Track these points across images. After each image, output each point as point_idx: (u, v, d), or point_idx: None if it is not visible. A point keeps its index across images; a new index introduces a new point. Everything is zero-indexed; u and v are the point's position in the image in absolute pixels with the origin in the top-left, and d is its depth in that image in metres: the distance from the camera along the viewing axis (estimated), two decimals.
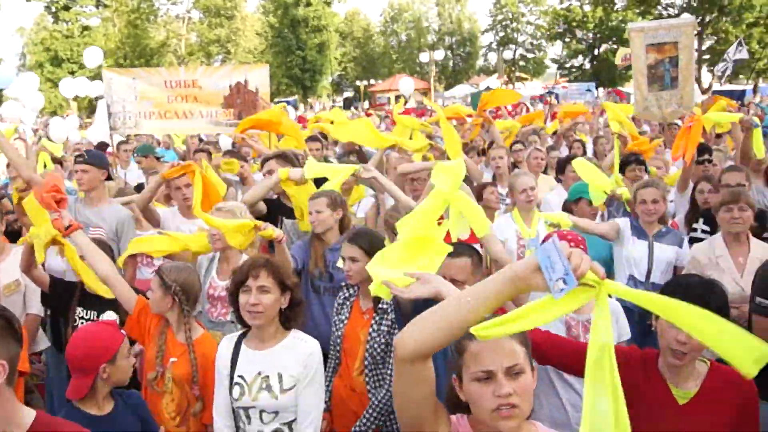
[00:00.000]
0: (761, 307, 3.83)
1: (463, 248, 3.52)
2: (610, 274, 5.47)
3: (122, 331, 3.42)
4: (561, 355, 2.98)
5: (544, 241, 1.87)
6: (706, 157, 7.22)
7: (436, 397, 2.15)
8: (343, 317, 4.17)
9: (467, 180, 5.21)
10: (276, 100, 47.99)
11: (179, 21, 59.00)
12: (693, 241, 5.53)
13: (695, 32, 11.13)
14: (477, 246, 3.95)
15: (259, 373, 3.35)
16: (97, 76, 20.82)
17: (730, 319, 2.86)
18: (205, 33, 58.51)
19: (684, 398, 2.79)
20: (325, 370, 3.66)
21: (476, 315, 1.87)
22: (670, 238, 5.32)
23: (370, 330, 3.96)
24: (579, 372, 2.90)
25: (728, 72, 23.84)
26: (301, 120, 19.09)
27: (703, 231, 5.79)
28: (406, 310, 2.77)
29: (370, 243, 4.01)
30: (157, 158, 9.48)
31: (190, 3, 58.93)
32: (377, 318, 3.96)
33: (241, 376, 3.37)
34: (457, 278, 3.38)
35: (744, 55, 23.27)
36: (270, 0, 58.71)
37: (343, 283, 4.31)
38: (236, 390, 3.36)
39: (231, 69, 10.26)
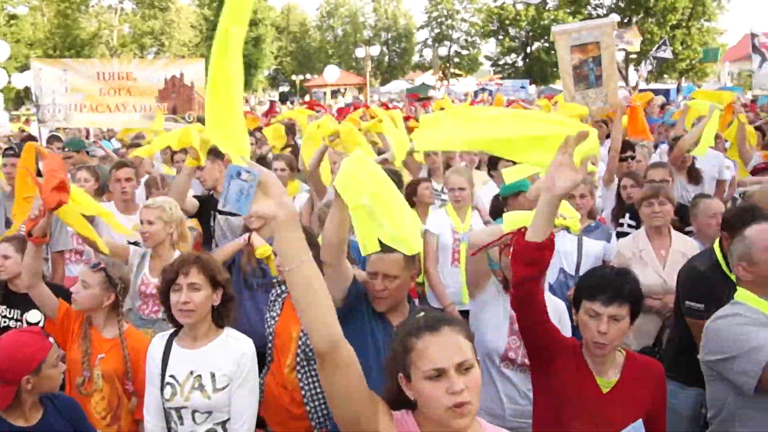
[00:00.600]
0: (692, 310, 4.00)
1: None
2: None
3: (50, 339, 3.28)
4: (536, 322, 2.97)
5: None
6: (629, 153, 7.44)
7: (371, 391, 2.15)
8: (275, 314, 4.15)
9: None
10: None
11: (111, 12, 57.27)
12: (620, 235, 5.68)
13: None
14: None
15: (192, 373, 3.30)
16: (25, 66, 20.14)
17: (651, 310, 3.01)
18: (139, 25, 56.97)
19: (607, 387, 2.90)
20: (260, 368, 3.65)
21: (311, 266, 1.97)
22: (599, 233, 5.47)
23: (302, 326, 3.95)
24: (532, 348, 3.00)
25: (649, 68, 24.64)
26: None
27: (629, 225, 5.98)
28: None
29: None
30: (88, 152, 9.26)
31: None
32: None
33: (172, 376, 3.31)
34: (390, 273, 3.38)
35: (668, 54, 24.07)
36: None
37: (275, 279, 4.30)
38: (168, 390, 3.30)
39: (166, 62, 10.13)
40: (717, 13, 48.99)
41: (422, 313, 2.21)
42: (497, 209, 5.37)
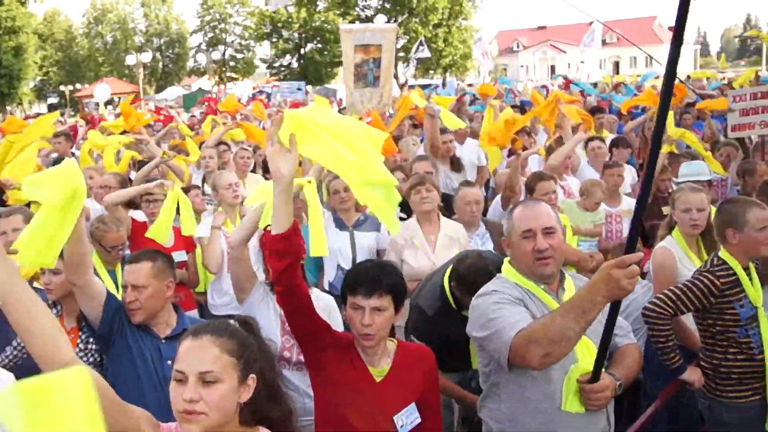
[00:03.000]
0: None
1: (143, 253, 3.57)
2: (321, 264, 5.72)
3: None
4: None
5: None
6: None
7: (132, 411, 2.14)
8: None
9: None
10: None
11: None
12: None
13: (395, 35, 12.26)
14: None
15: None
16: None
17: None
18: None
19: (379, 375, 3.04)
20: None
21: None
22: (369, 225, 5.67)
23: (77, 350, 3.75)
24: (302, 341, 3.11)
25: (412, 69, 26.24)
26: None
27: (401, 218, 6.27)
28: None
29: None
30: None
31: None
32: (83, 337, 3.78)
33: None
34: (137, 283, 3.37)
35: (426, 54, 25.73)
36: None
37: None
38: None
39: None
40: (472, 13, 52.96)
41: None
42: None
